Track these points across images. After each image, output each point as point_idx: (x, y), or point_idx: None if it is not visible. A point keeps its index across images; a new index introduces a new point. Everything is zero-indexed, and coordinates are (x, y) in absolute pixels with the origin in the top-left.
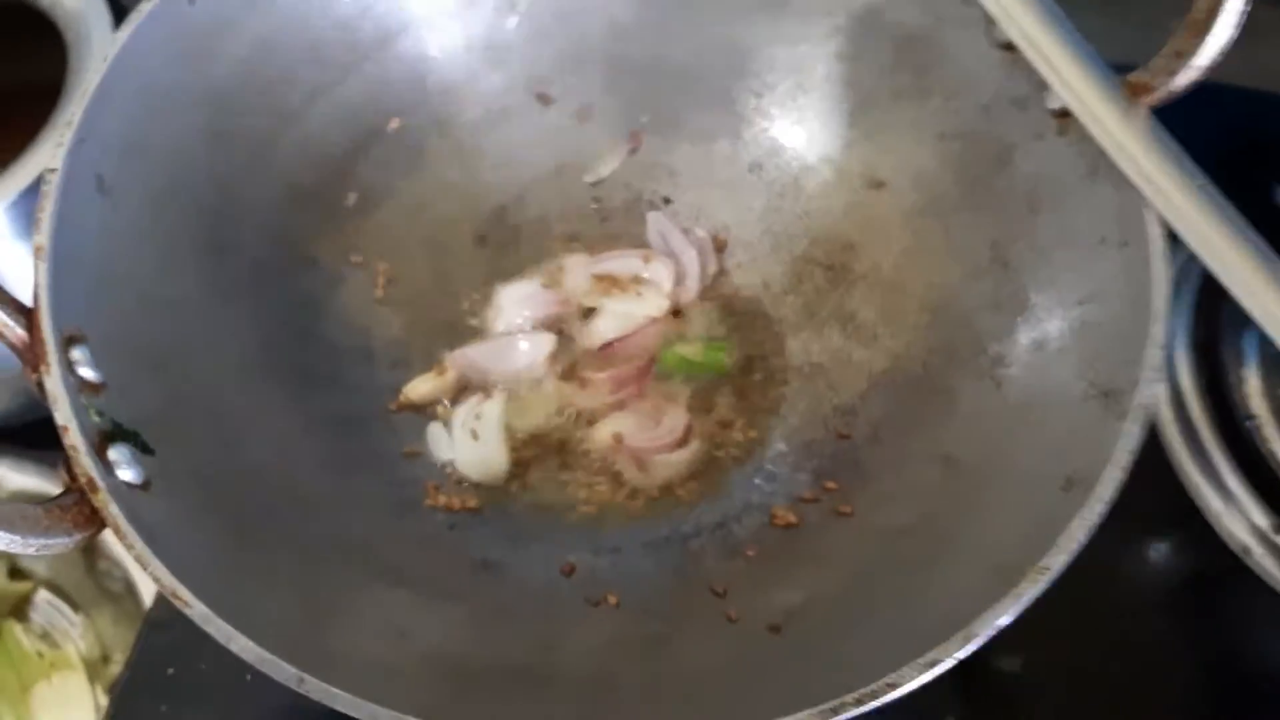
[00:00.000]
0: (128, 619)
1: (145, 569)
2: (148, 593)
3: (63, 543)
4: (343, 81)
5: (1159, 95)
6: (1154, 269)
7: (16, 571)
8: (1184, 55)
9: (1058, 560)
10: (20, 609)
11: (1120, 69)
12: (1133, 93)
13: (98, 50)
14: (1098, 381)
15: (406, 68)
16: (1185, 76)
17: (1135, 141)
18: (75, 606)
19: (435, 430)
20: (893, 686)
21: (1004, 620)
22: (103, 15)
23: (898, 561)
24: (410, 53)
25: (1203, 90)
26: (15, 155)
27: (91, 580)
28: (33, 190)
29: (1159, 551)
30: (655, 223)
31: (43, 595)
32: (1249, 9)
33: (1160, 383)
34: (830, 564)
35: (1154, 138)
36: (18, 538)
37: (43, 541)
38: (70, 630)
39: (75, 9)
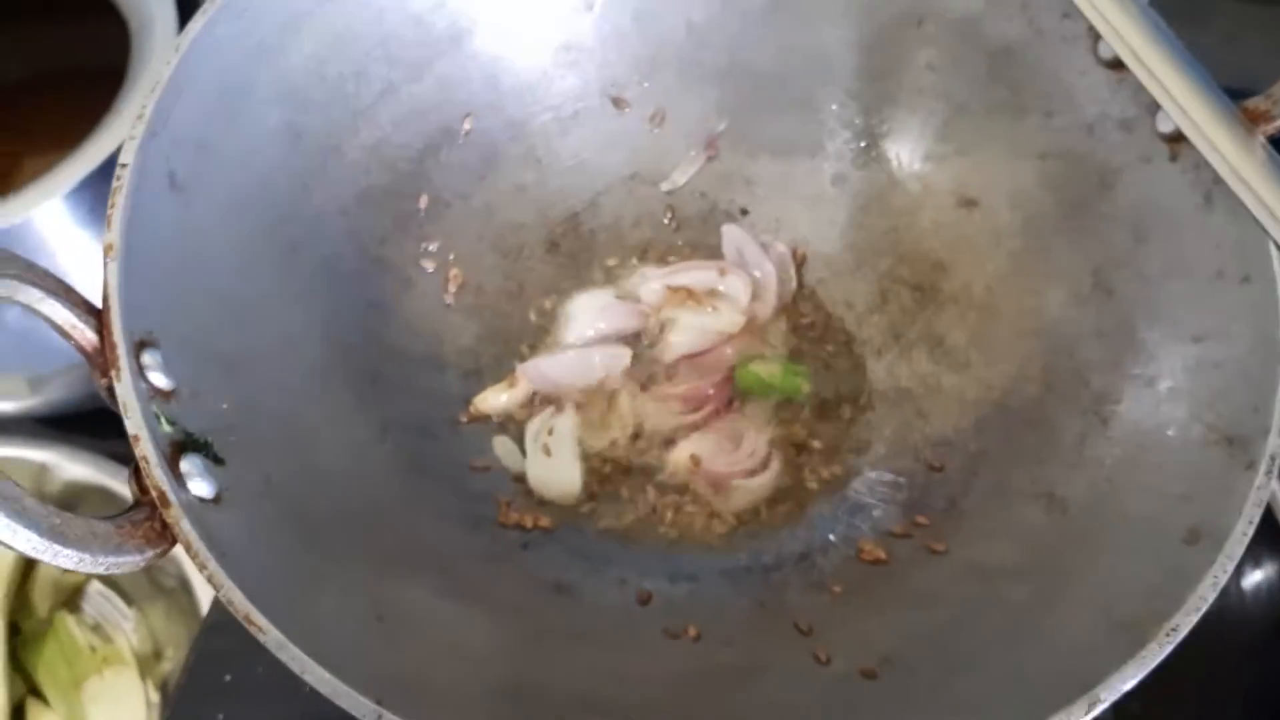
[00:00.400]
0: (180, 614)
1: (218, 591)
2: (202, 590)
3: (133, 561)
4: (416, 79)
5: (1278, 124)
6: None
7: None
8: None
9: (1187, 620)
10: (73, 600)
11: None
12: (1250, 119)
13: (161, 38)
14: (1218, 426)
15: (479, 67)
16: None
17: (1254, 171)
18: (128, 600)
19: (503, 443)
20: None
21: (1130, 684)
22: (167, 2)
23: (1002, 607)
24: (483, 51)
25: None
26: (76, 141)
27: (145, 574)
28: (95, 179)
29: (1254, 582)
30: (731, 235)
31: (95, 586)
32: None
33: None
34: (926, 605)
35: (1274, 167)
36: (88, 556)
37: (114, 560)
38: (122, 623)
39: None
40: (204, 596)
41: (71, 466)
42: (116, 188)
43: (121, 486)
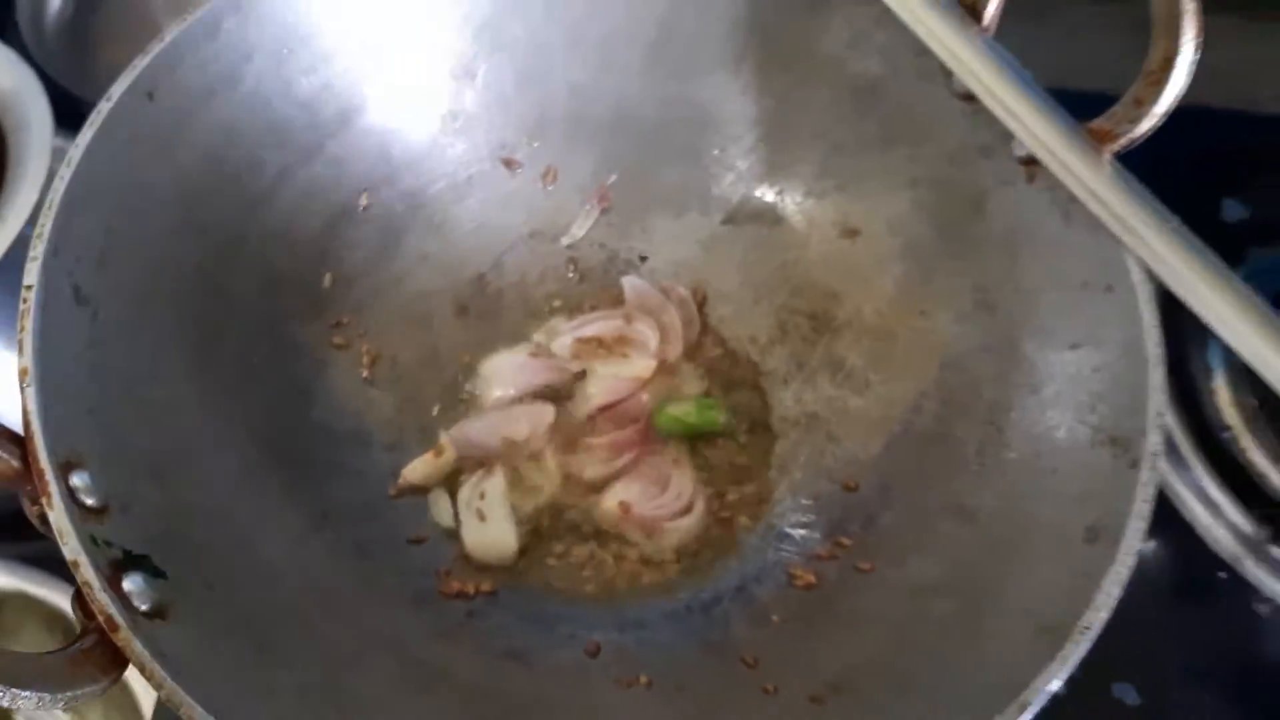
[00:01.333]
0: (119, 711)
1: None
2: (141, 688)
3: (92, 690)
4: (309, 162)
5: (1122, 142)
6: (1143, 314)
7: None
8: (1144, 103)
9: (1098, 618)
10: (5, 715)
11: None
12: (1096, 139)
13: (38, 133)
14: (1102, 427)
15: (370, 143)
16: (1146, 124)
17: (1105, 188)
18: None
19: (436, 498)
20: None
21: (1054, 685)
22: (39, 96)
23: (932, 623)
24: (373, 127)
25: None
26: None
27: None
28: None
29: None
30: (631, 285)
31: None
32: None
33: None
34: (861, 626)
35: (1122, 183)
36: (46, 695)
37: (72, 693)
38: None
39: (10, 90)
40: (143, 694)
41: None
42: (24, 310)
43: (40, 591)
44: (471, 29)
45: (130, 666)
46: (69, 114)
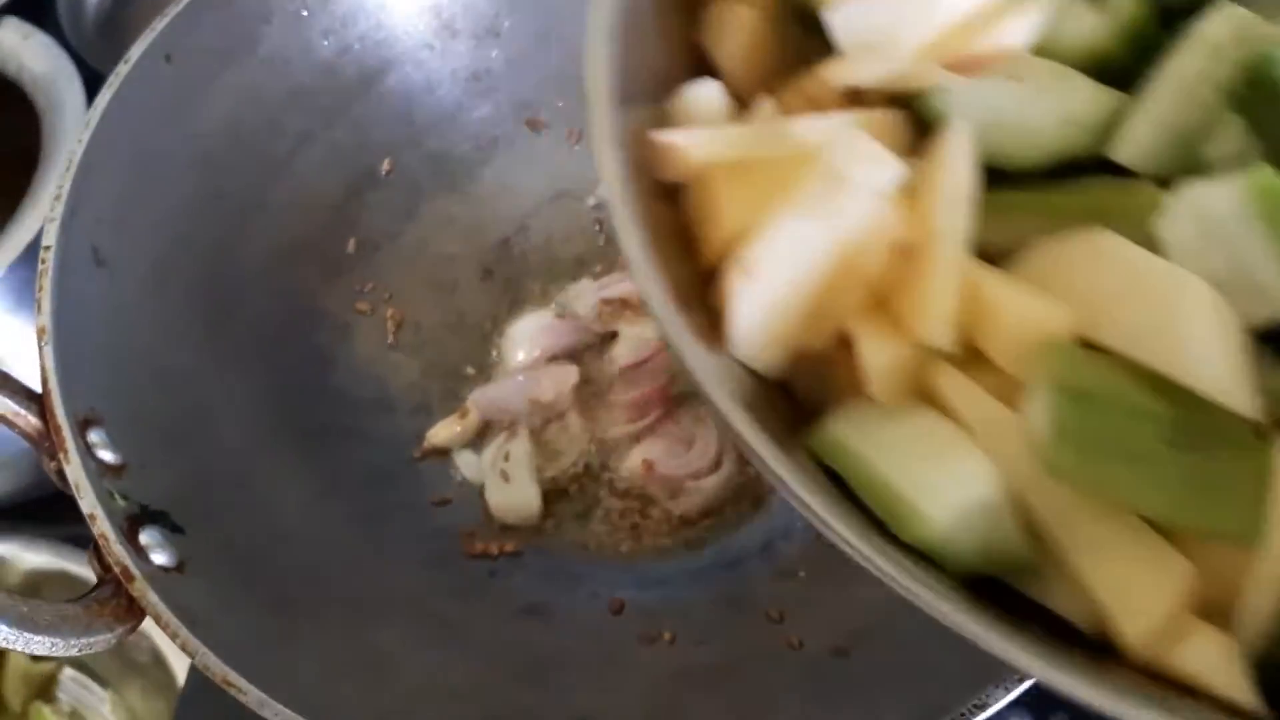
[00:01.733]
0: (157, 690)
1: (193, 657)
2: (177, 663)
3: (105, 639)
4: (330, 126)
5: None
6: None
7: None
8: None
9: None
10: (47, 689)
11: None
12: None
13: (71, 115)
14: None
15: (392, 106)
16: None
17: None
18: (102, 682)
19: (462, 458)
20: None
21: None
22: (73, 79)
23: None
24: (395, 90)
25: None
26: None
27: (117, 653)
28: (19, 265)
29: None
30: None
31: (68, 673)
32: None
33: None
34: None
35: None
36: (60, 640)
37: (86, 640)
38: (100, 707)
39: (44, 74)
40: (179, 668)
41: (29, 555)
42: (42, 270)
43: (82, 570)
44: None
45: (151, 626)
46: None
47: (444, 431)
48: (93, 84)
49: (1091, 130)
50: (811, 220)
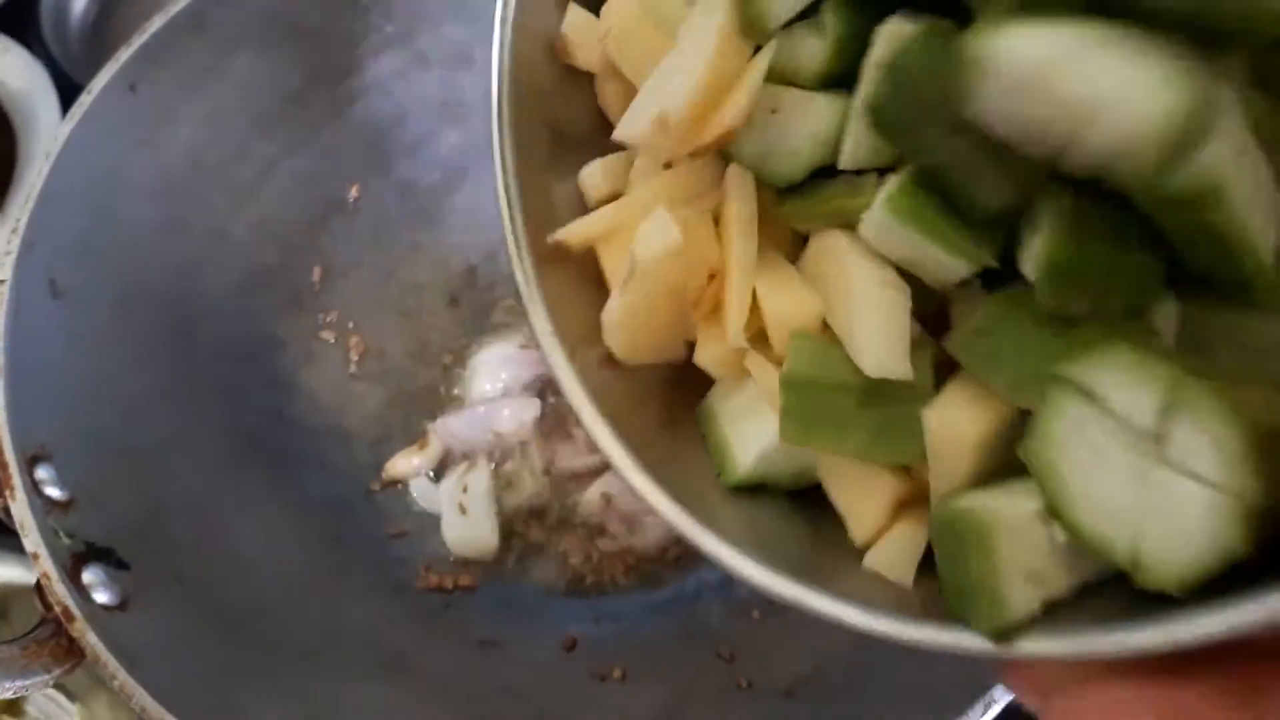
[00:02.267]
0: (124, 705)
1: (129, 701)
2: None
3: (42, 680)
4: (296, 154)
5: None
6: None
7: None
8: None
9: None
10: (14, 705)
11: None
12: None
13: (45, 132)
14: None
15: (363, 134)
16: None
17: None
18: (71, 696)
19: (419, 488)
20: None
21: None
22: (49, 94)
23: None
24: (365, 118)
25: None
26: None
27: (87, 669)
28: None
29: None
30: None
31: None
32: None
33: None
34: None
35: None
36: None
37: (21, 683)
38: None
39: (19, 89)
40: None
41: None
42: None
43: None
44: (466, 14)
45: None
46: None
47: (403, 462)
48: (73, 97)
49: (827, 143)
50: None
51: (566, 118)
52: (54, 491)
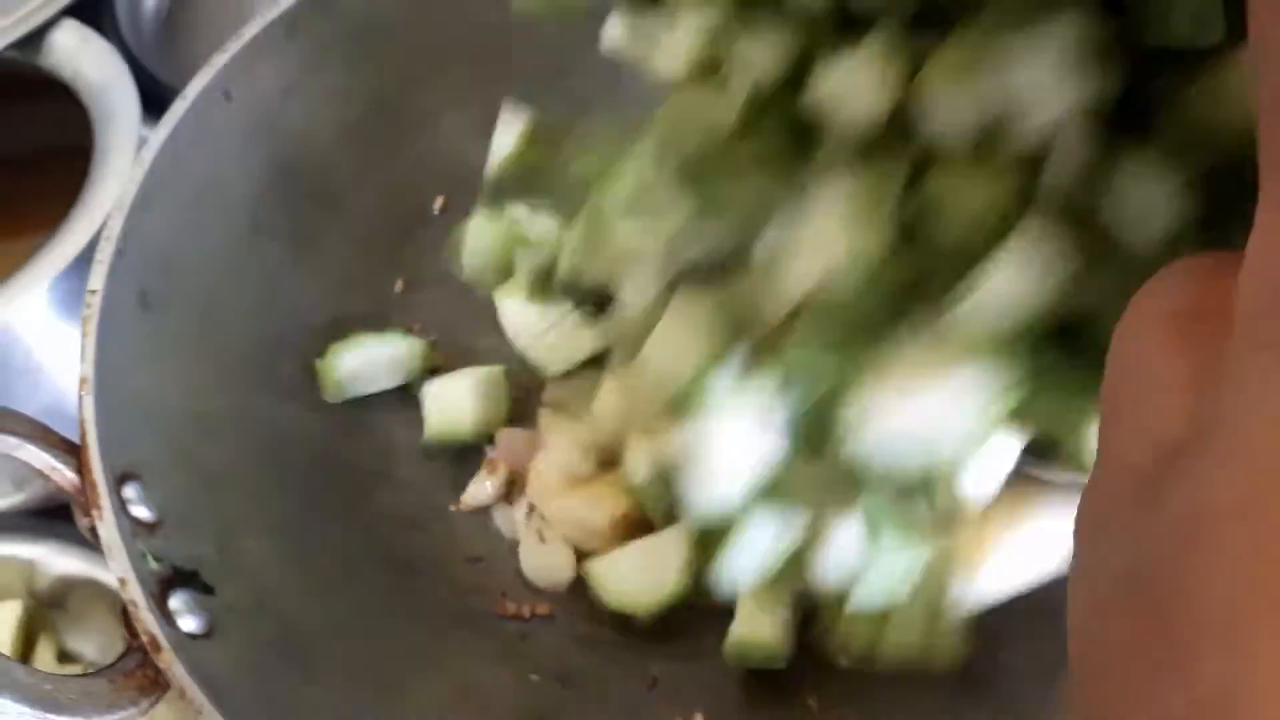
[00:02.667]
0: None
1: None
2: None
3: (130, 713)
4: (385, 164)
5: None
6: None
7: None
8: None
9: None
10: None
11: None
12: None
13: (125, 129)
14: None
15: (450, 145)
16: None
17: None
18: None
19: (502, 511)
20: None
21: None
22: (129, 88)
23: None
24: (453, 128)
25: None
26: (41, 228)
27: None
28: (71, 271)
29: None
30: None
31: None
32: None
33: None
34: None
35: None
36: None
37: (110, 718)
38: None
39: (99, 82)
40: None
41: (60, 560)
42: (87, 316)
43: (111, 578)
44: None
45: None
46: (164, 106)
47: (477, 490)
48: (147, 86)
49: None
50: None
51: None
52: (141, 512)
